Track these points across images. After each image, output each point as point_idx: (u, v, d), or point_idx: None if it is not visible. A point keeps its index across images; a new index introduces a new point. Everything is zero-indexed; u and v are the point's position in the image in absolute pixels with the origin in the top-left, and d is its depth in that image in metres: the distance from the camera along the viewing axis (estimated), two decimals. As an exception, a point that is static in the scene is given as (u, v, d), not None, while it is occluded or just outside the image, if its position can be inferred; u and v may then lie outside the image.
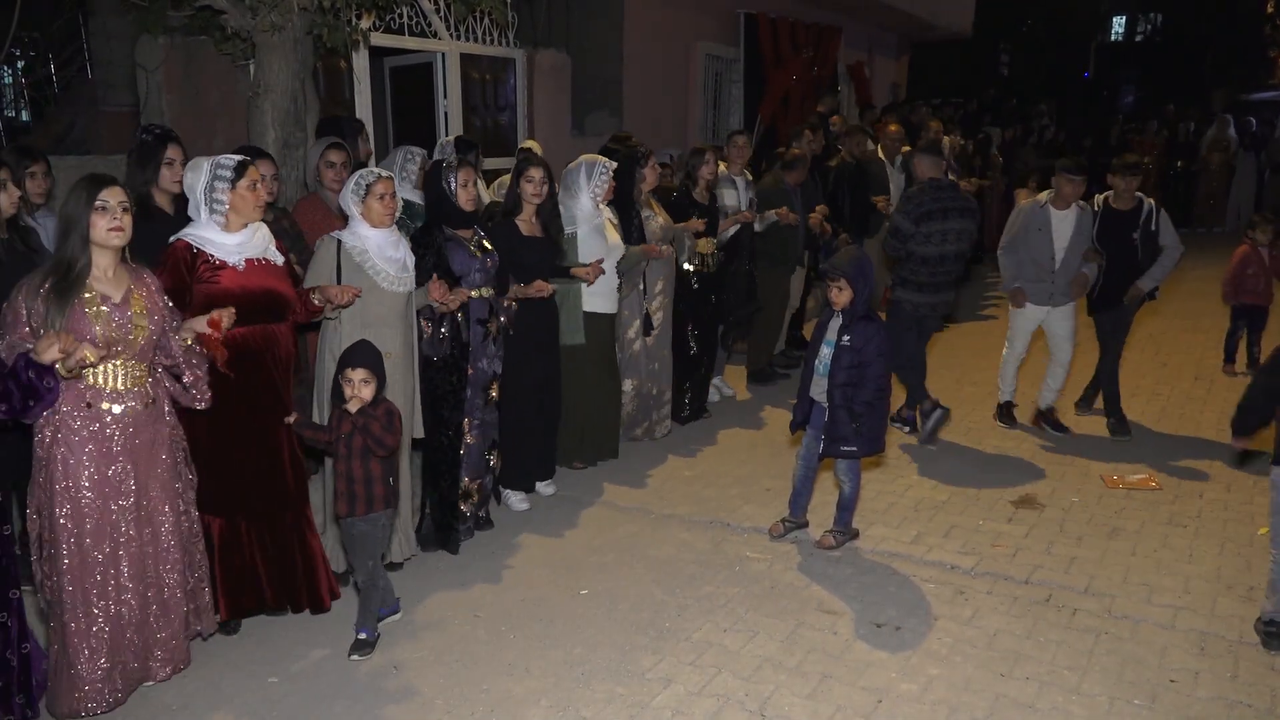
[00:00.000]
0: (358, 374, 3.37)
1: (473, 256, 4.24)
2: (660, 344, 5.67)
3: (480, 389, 4.34)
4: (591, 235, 5.05)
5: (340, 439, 3.44)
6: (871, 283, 4.20)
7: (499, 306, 4.39)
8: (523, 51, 8.18)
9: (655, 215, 5.58)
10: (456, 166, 4.19)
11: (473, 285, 4.22)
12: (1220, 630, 3.63)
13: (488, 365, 4.36)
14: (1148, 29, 32.41)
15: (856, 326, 4.11)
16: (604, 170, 5.07)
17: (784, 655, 3.49)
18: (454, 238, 4.23)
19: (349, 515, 3.49)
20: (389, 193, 3.86)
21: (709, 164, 5.91)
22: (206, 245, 3.38)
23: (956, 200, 5.70)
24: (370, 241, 3.85)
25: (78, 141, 8.35)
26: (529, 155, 4.72)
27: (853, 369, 4.10)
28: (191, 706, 3.22)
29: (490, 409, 4.43)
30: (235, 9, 4.87)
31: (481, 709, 3.20)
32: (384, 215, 3.86)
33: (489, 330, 4.31)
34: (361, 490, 3.46)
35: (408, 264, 3.96)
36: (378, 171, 3.87)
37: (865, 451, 4.21)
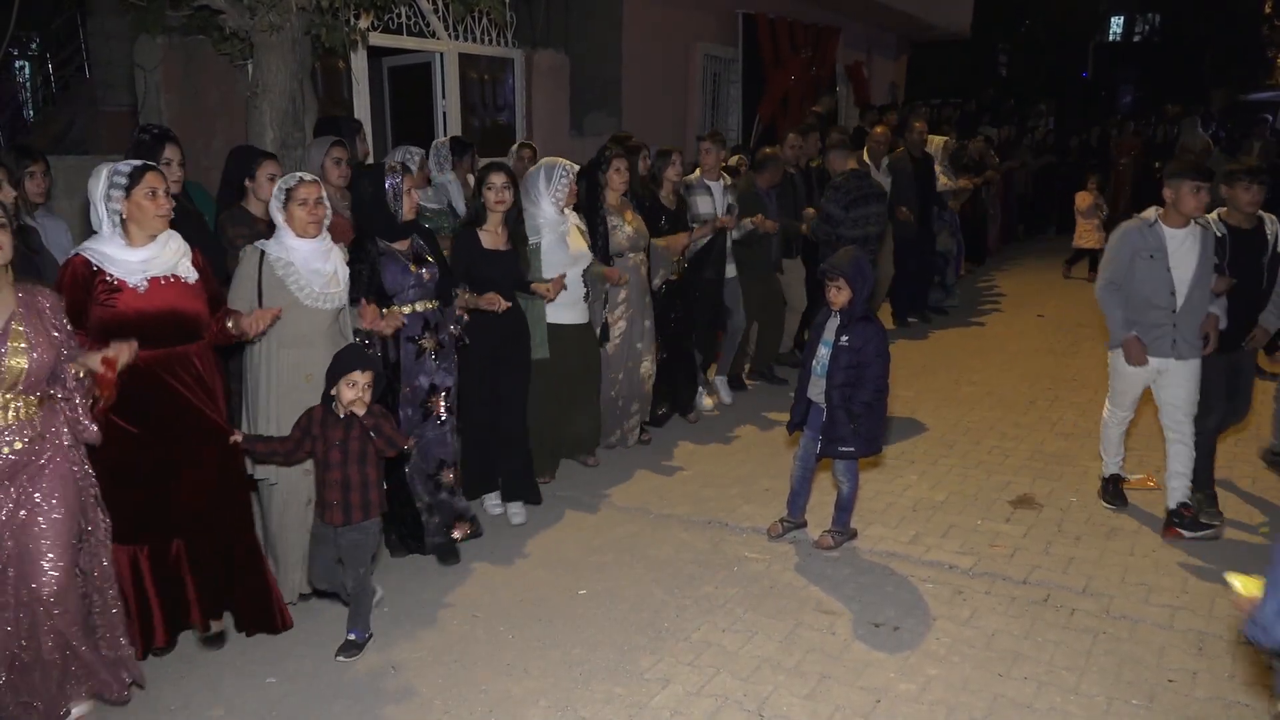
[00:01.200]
0: (363, 377, 3.29)
1: (407, 272, 3.96)
2: (624, 356, 5.37)
3: (417, 405, 4.08)
4: (555, 244, 4.78)
5: (334, 446, 3.32)
6: (870, 283, 4.20)
7: (445, 319, 4.12)
8: (521, 51, 8.19)
9: (625, 224, 5.23)
10: (400, 172, 3.95)
11: (406, 301, 3.97)
12: (1218, 630, 3.64)
13: (425, 381, 4.07)
14: (1146, 29, 32.45)
15: (855, 327, 4.11)
16: (564, 173, 4.77)
17: (782, 655, 3.49)
18: (389, 251, 3.95)
19: (344, 524, 3.37)
20: (313, 198, 3.54)
21: (674, 165, 5.67)
22: (106, 263, 3.10)
23: (872, 188, 6.69)
24: (297, 253, 3.55)
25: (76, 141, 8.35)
26: (490, 162, 4.48)
27: (851, 369, 4.10)
28: (191, 706, 3.22)
29: (432, 424, 4.12)
30: (233, 9, 4.88)
31: (480, 709, 3.20)
32: (308, 223, 3.54)
33: (423, 347, 4.03)
34: (358, 497, 3.37)
35: (339, 277, 3.67)
36: (300, 175, 3.59)
37: (863, 452, 4.21)
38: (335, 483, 3.35)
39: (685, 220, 5.79)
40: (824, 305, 4.28)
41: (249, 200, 4.29)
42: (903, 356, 7.08)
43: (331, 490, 3.36)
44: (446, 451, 4.19)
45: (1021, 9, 21.59)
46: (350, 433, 3.34)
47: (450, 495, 4.25)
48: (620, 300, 5.31)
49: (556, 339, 4.85)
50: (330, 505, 3.37)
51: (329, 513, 3.38)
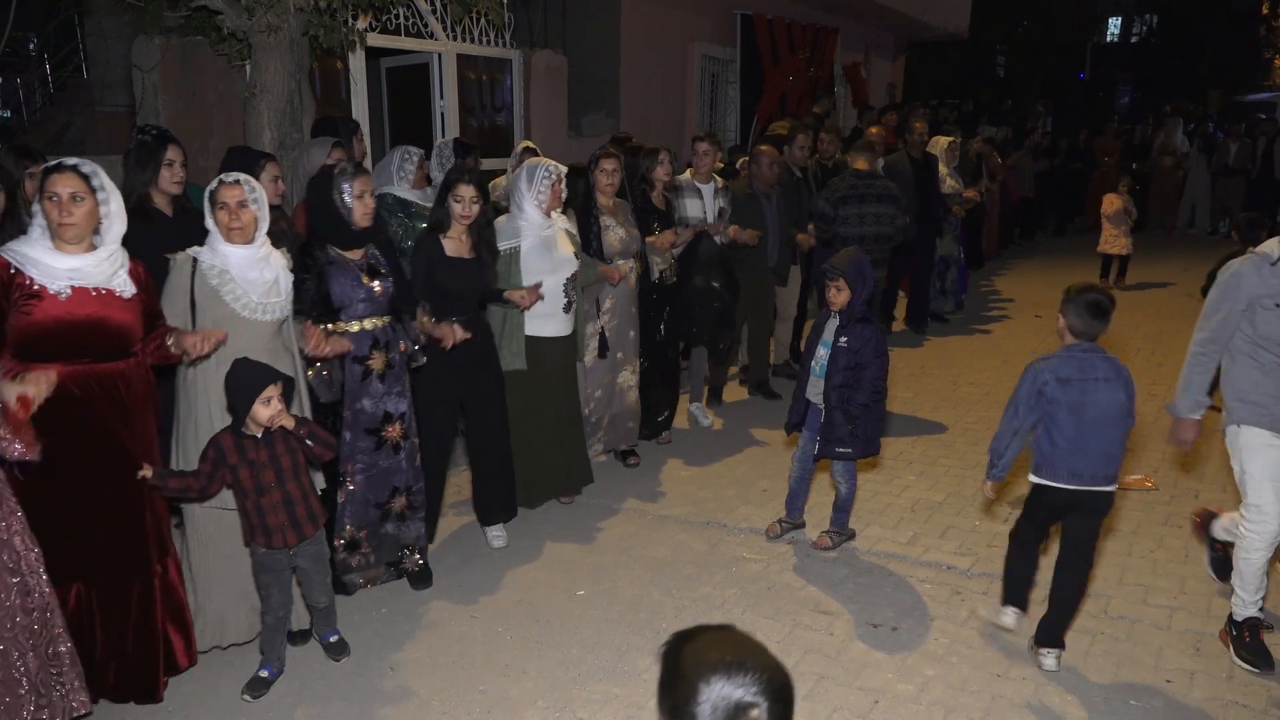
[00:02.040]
0: (275, 390, 3.04)
1: (358, 284, 3.67)
2: (604, 369, 5.09)
3: (363, 431, 3.78)
4: (537, 250, 4.47)
5: (264, 467, 3.09)
6: (870, 284, 4.20)
7: (397, 337, 3.83)
8: (519, 52, 8.19)
9: (616, 226, 5.02)
10: (353, 174, 3.65)
11: (354, 317, 3.69)
12: (1216, 631, 3.64)
13: (373, 406, 3.77)
14: (1143, 30, 32.49)
15: (854, 328, 4.11)
16: (547, 174, 4.45)
17: (781, 656, 3.48)
18: (339, 260, 3.66)
19: (300, 542, 3.20)
20: (235, 201, 3.24)
21: (663, 165, 5.42)
22: (28, 265, 2.86)
23: (873, 188, 6.61)
24: (231, 259, 3.27)
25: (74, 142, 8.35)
26: (460, 174, 4.17)
27: (849, 371, 4.10)
28: (188, 708, 3.22)
29: (387, 453, 3.84)
30: (231, 9, 4.87)
31: (478, 710, 3.20)
32: (229, 229, 3.25)
33: (370, 368, 3.74)
34: (304, 510, 3.19)
35: (280, 286, 3.39)
36: (221, 176, 3.30)
37: (861, 453, 4.21)
38: (277, 504, 3.13)
39: (673, 222, 5.58)
40: (823, 306, 4.28)
41: None
42: (901, 358, 7.09)
43: (274, 514, 3.13)
44: (402, 478, 3.91)
45: (1019, 10, 21.61)
46: (276, 449, 3.11)
47: (399, 523, 3.96)
48: (606, 309, 5.03)
49: (535, 352, 4.55)
50: (279, 529, 3.15)
51: (278, 537, 3.15)
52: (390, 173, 4.98)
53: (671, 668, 1.28)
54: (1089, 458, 3.27)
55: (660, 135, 9.30)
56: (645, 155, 5.51)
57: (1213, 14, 26.65)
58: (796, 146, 6.86)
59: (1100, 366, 3.30)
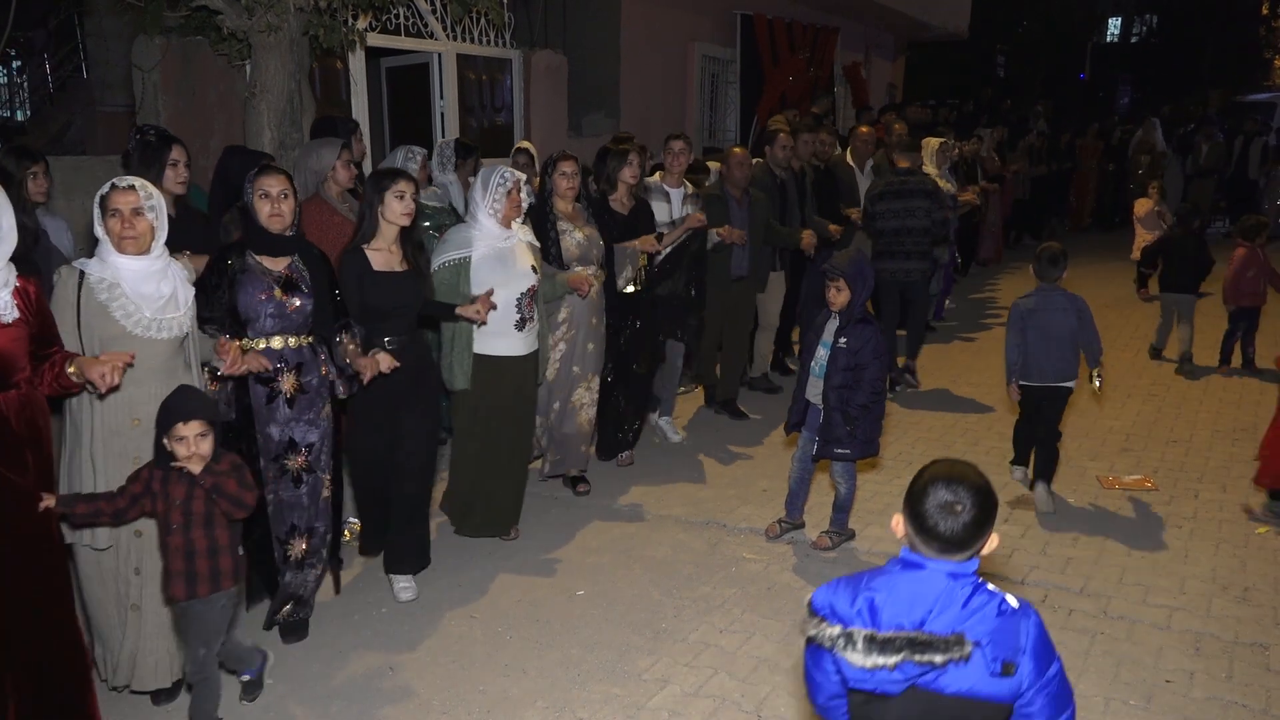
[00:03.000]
0: (191, 428, 2.73)
1: (268, 297, 3.33)
2: (564, 383, 4.80)
3: (270, 460, 3.46)
4: (489, 261, 4.10)
5: (175, 506, 2.80)
6: (870, 285, 4.21)
7: (317, 360, 3.49)
8: (519, 52, 8.19)
9: (574, 230, 4.69)
10: (257, 173, 3.36)
11: (260, 333, 3.35)
12: (1216, 630, 3.64)
13: (279, 433, 3.44)
14: (1143, 30, 32.49)
15: (853, 329, 4.11)
16: (502, 181, 4.10)
17: (781, 656, 3.50)
18: (254, 268, 3.35)
19: (188, 597, 2.85)
20: (131, 208, 2.94)
21: (631, 166, 5.03)
22: None
23: (910, 184, 6.73)
24: (123, 272, 2.97)
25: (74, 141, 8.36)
26: (391, 169, 3.92)
27: (848, 371, 4.10)
28: (188, 709, 3.22)
29: (287, 485, 3.50)
30: (231, 9, 4.87)
31: (478, 709, 3.20)
32: (122, 238, 2.95)
33: (274, 390, 3.40)
34: (205, 565, 2.83)
35: (179, 300, 3.08)
36: (114, 180, 3.00)
37: (860, 454, 4.21)
38: (177, 550, 2.82)
39: (641, 226, 5.14)
40: (824, 308, 4.28)
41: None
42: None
43: (173, 558, 2.83)
44: (301, 516, 3.56)
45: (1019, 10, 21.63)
46: (193, 491, 2.81)
47: (296, 571, 3.59)
48: (560, 320, 4.72)
49: (487, 372, 4.19)
50: (172, 575, 2.85)
51: (171, 583, 2.85)
52: None
53: (915, 481, 1.86)
54: (1051, 363, 4.73)
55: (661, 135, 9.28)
56: (612, 156, 5.09)
57: (1213, 14, 26.65)
58: (778, 147, 6.43)
59: (1057, 300, 4.75)
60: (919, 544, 1.85)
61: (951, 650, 1.71)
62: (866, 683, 1.80)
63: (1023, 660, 1.79)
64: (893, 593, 1.81)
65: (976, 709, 1.80)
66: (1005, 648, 1.78)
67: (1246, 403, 6.50)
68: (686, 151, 5.50)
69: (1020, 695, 1.80)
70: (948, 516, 1.81)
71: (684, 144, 5.50)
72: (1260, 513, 4.64)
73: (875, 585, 1.83)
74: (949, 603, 1.79)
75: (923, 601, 1.79)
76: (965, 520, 1.81)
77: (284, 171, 3.44)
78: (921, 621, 1.77)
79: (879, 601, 1.80)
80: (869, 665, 1.73)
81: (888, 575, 1.85)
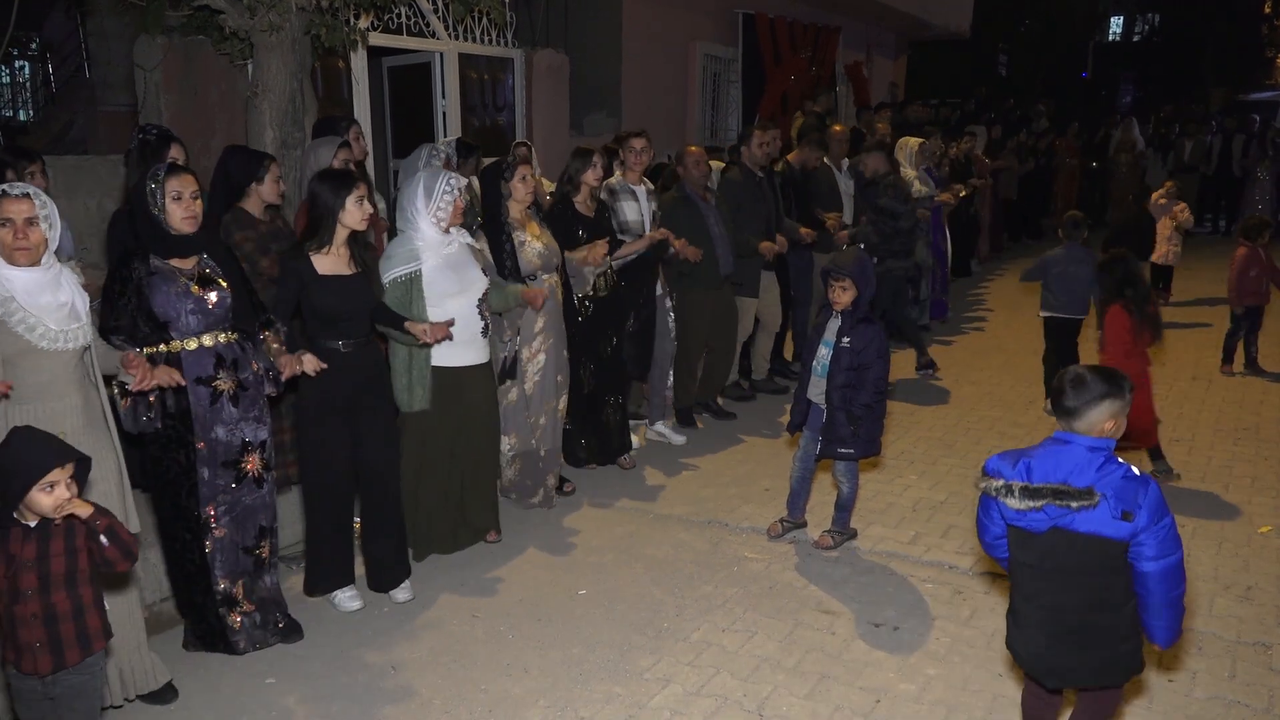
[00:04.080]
0: (66, 471, 2.36)
1: (185, 294, 3.22)
2: (544, 393, 4.64)
3: (220, 465, 3.34)
4: (441, 272, 3.94)
5: (26, 568, 2.38)
6: (874, 284, 4.21)
7: (248, 355, 3.40)
8: (521, 51, 8.19)
9: (531, 240, 4.51)
10: (167, 174, 3.22)
11: (188, 333, 3.23)
12: (1217, 630, 3.64)
13: (228, 434, 3.33)
14: (1145, 29, 32.46)
15: (857, 328, 4.11)
16: (448, 188, 3.95)
17: (782, 655, 3.49)
18: (161, 269, 3.22)
19: (55, 670, 2.44)
20: (24, 218, 2.79)
21: (594, 169, 4.92)
22: None
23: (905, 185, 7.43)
24: (16, 284, 2.82)
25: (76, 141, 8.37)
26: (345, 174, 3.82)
27: (852, 371, 4.10)
28: (189, 707, 3.22)
29: (249, 487, 3.40)
30: (233, 9, 4.88)
31: (480, 709, 3.20)
32: (12, 249, 2.80)
33: (218, 389, 3.30)
34: (71, 630, 2.43)
35: (78, 308, 2.95)
36: (6, 189, 2.85)
37: (863, 454, 4.21)
38: (34, 619, 2.40)
39: (606, 229, 5.08)
40: (825, 306, 4.28)
41: (249, 202, 4.27)
42: (904, 358, 7.09)
43: (27, 628, 2.40)
44: (269, 517, 3.51)
45: (1021, 9, 21.60)
46: (49, 547, 2.39)
47: (271, 574, 3.58)
48: (537, 330, 4.56)
49: (451, 385, 4.07)
50: (29, 648, 2.41)
51: (28, 659, 2.42)
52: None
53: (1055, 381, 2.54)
54: (1070, 300, 6.07)
55: (662, 135, 9.30)
56: (575, 156, 4.99)
57: (1214, 13, 26.61)
58: (755, 145, 6.20)
59: (1079, 254, 6.05)
60: (1060, 422, 2.51)
61: (1084, 499, 2.37)
62: (1020, 521, 2.49)
63: (1140, 512, 2.37)
64: (1045, 460, 2.46)
65: (1101, 544, 2.42)
66: (1126, 501, 2.37)
67: (1249, 402, 6.49)
68: (648, 149, 5.40)
69: (1135, 536, 2.40)
70: (1073, 392, 2.47)
71: (644, 141, 5.38)
72: None
73: (1033, 454, 2.49)
74: (1086, 467, 2.42)
75: (1066, 465, 2.43)
76: (1087, 393, 2.46)
77: (192, 171, 3.37)
78: (1064, 479, 2.41)
79: (1034, 464, 2.46)
80: (1022, 508, 2.42)
81: (1043, 447, 2.51)
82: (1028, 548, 2.51)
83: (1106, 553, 2.42)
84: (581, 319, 5.01)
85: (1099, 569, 2.45)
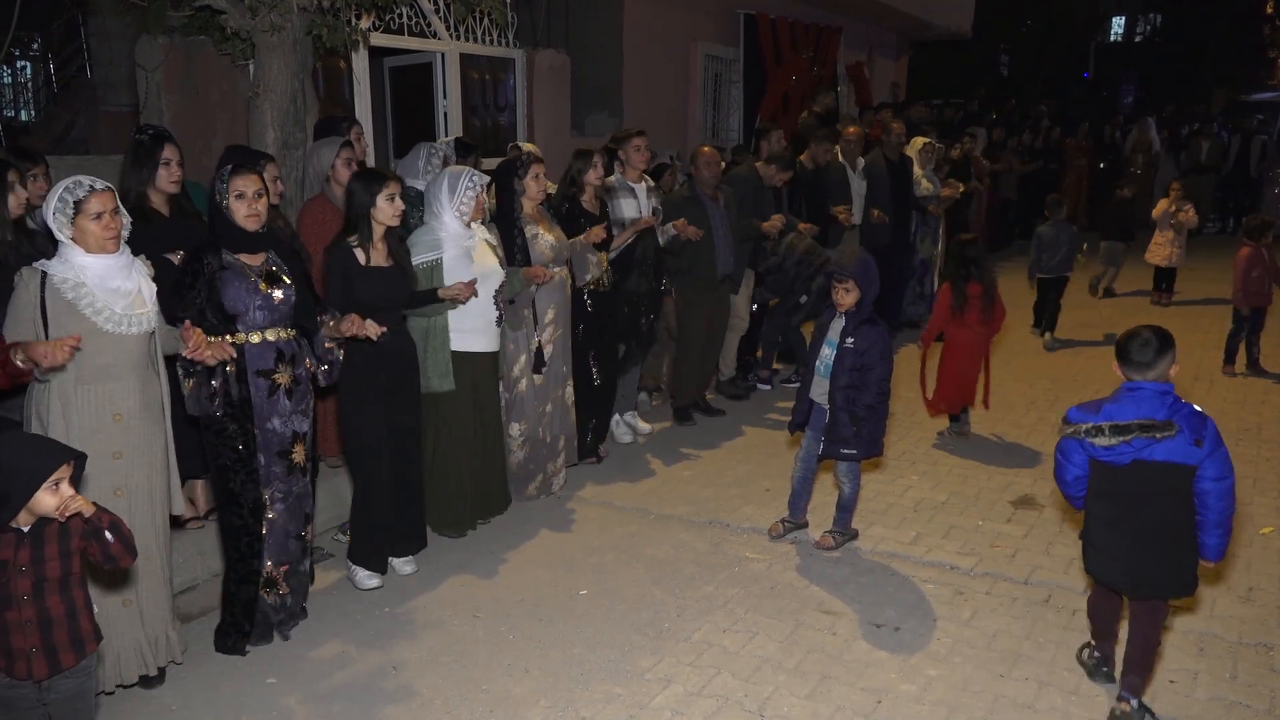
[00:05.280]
0: (67, 470, 2.34)
1: (255, 290, 3.39)
2: (553, 382, 4.84)
3: (275, 454, 3.50)
4: (460, 262, 4.22)
5: (19, 573, 2.35)
6: (877, 285, 4.21)
7: (303, 352, 3.57)
8: (522, 52, 8.19)
9: (544, 233, 4.73)
10: (230, 175, 3.37)
11: (254, 327, 3.40)
12: (1219, 631, 3.63)
13: (282, 425, 3.49)
14: (1147, 29, 32.44)
15: (860, 329, 4.11)
16: (470, 185, 4.22)
17: (783, 656, 3.49)
18: (233, 265, 3.38)
19: (52, 675, 2.42)
20: (109, 210, 3.00)
21: (595, 169, 5.11)
22: None
23: None
24: (89, 271, 3.00)
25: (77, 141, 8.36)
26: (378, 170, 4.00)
27: (855, 371, 4.10)
28: (190, 706, 3.22)
29: (297, 477, 3.58)
30: (235, 9, 4.88)
31: (480, 709, 3.20)
32: (105, 239, 3.00)
33: (276, 383, 3.45)
34: (65, 634, 2.42)
35: (145, 296, 3.12)
36: (90, 183, 3.00)
37: (865, 454, 4.21)
38: (28, 624, 2.37)
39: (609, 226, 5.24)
40: (828, 307, 4.29)
41: None
42: (906, 357, 7.08)
43: (21, 634, 2.37)
44: (310, 504, 3.70)
45: (1023, 9, 21.59)
46: (45, 550, 2.37)
47: (309, 559, 3.76)
48: (549, 320, 4.77)
49: (466, 370, 4.31)
50: (24, 655, 2.37)
51: (21, 665, 2.38)
52: (417, 168, 4.97)
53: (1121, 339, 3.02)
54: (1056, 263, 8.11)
55: (663, 135, 9.30)
56: (577, 157, 5.20)
57: (1216, 14, 26.60)
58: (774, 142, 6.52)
59: (1061, 228, 8.05)
60: (1132, 374, 2.98)
61: (1166, 430, 2.86)
62: (1108, 456, 2.96)
63: (1206, 438, 2.87)
64: (1122, 406, 2.95)
65: (1175, 470, 2.91)
66: (1195, 430, 2.87)
67: (1250, 402, 6.49)
68: (645, 148, 5.52)
69: (1201, 461, 2.88)
70: (1141, 349, 2.95)
71: (644, 140, 5.51)
72: (946, 434, 5.85)
73: (1110, 402, 2.99)
74: (1159, 406, 2.90)
75: (1144, 407, 2.91)
76: (1153, 348, 2.95)
77: (257, 171, 3.51)
78: (1141, 417, 2.89)
79: (1113, 411, 2.95)
80: (1113, 443, 2.91)
81: (1116, 396, 2.99)
82: (1113, 479, 3.01)
83: (1179, 477, 2.92)
84: (587, 310, 5.16)
85: (1171, 491, 2.94)
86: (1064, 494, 3.22)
